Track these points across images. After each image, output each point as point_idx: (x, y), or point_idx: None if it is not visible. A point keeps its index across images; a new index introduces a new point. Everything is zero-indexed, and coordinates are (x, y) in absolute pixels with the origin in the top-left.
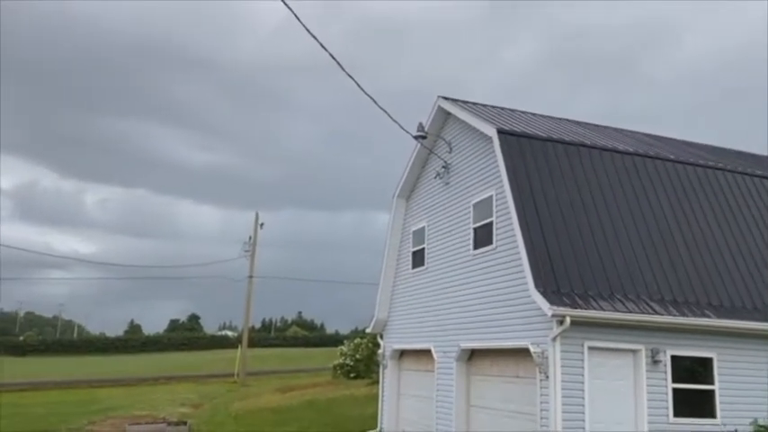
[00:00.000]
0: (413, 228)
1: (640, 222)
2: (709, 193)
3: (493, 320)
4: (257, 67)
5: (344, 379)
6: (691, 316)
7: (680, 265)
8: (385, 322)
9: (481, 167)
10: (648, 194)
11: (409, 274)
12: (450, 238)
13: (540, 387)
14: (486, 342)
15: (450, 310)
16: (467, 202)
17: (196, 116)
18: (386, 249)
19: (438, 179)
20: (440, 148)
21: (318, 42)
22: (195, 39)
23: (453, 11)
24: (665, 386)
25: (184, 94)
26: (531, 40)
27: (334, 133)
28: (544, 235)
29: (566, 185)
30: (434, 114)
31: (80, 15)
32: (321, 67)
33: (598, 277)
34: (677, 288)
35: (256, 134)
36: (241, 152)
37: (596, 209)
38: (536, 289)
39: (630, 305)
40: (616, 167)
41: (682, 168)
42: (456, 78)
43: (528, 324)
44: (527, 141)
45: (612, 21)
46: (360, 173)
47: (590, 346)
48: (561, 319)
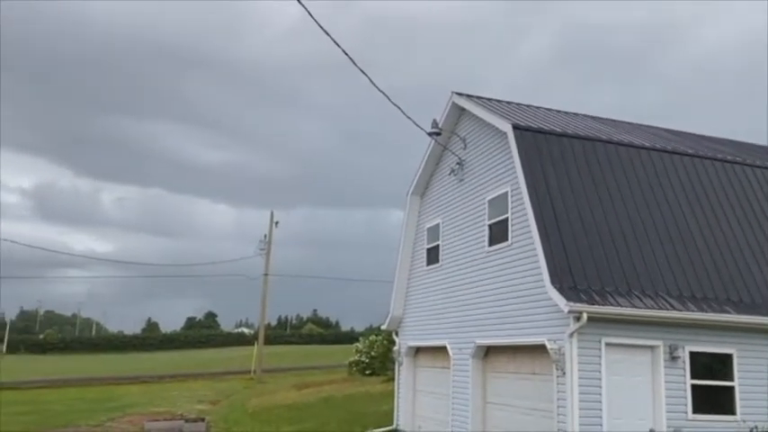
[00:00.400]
0: (427, 225)
1: (658, 217)
2: (727, 187)
3: (509, 317)
4: (270, 66)
5: (360, 376)
6: (710, 312)
7: (698, 261)
8: (400, 319)
9: (496, 163)
10: (666, 189)
11: (424, 271)
12: (464, 234)
13: (556, 384)
14: (502, 339)
15: (466, 307)
16: (482, 199)
17: (210, 115)
18: (400, 247)
19: (452, 176)
20: (454, 145)
21: (332, 39)
22: (209, 38)
23: (465, 8)
24: (684, 383)
25: (199, 94)
26: (544, 36)
27: (347, 131)
28: (560, 231)
29: (582, 181)
30: (448, 110)
31: (96, 16)
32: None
33: (615, 273)
34: (696, 284)
35: (270, 132)
36: (255, 150)
37: (613, 204)
38: (552, 285)
39: (648, 301)
40: (633, 162)
41: (699, 162)
42: (469, 75)
43: (544, 320)
44: (542, 137)
45: (626, 16)
46: (373, 170)
47: (607, 342)
48: (578, 316)
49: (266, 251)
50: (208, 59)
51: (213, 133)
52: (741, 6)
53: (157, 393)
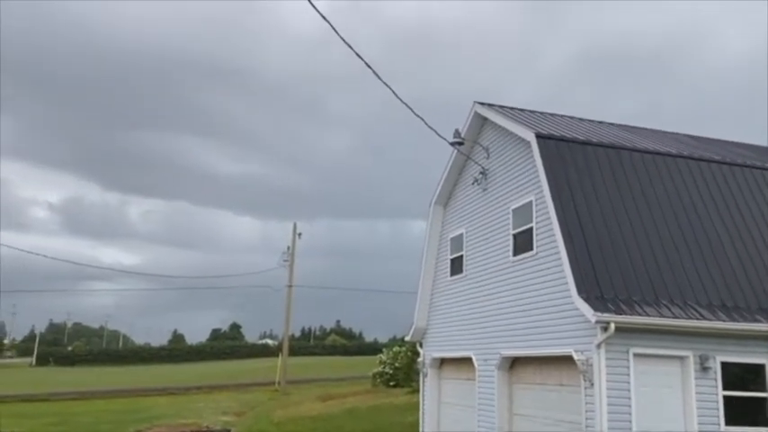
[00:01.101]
0: (450, 235)
1: (685, 225)
2: (756, 194)
3: (535, 328)
4: (293, 78)
5: (384, 387)
6: (741, 321)
7: (728, 269)
8: (424, 330)
9: (520, 172)
10: (693, 197)
11: (448, 281)
12: (488, 244)
13: (584, 395)
14: (528, 350)
15: (491, 318)
16: (505, 208)
17: (233, 128)
18: (424, 257)
19: (475, 185)
20: (477, 154)
21: (355, 52)
22: (231, 52)
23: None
24: (716, 394)
25: (222, 107)
26: (565, 45)
27: (369, 141)
28: (586, 240)
29: (607, 189)
30: (471, 120)
31: (123, 34)
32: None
33: (642, 282)
34: (726, 292)
35: (292, 144)
36: (278, 162)
37: (639, 212)
38: (579, 295)
39: (677, 310)
40: (659, 170)
41: (728, 169)
42: (491, 84)
43: (571, 331)
44: (566, 145)
45: (648, 22)
46: (396, 180)
47: (635, 352)
48: (605, 326)
49: (290, 263)
50: (231, 73)
51: (236, 146)
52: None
53: (183, 405)
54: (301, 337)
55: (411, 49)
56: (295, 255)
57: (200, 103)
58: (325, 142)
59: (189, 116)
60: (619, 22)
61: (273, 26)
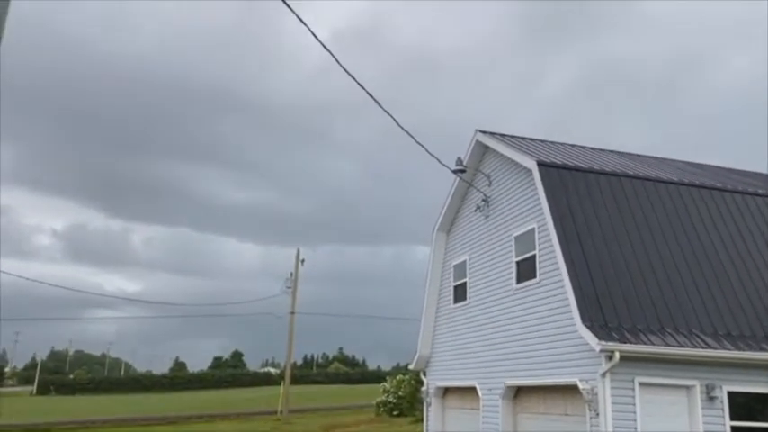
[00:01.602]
0: (454, 262)
1: (689, 253)
2: (759, 221)
3: (539, 356)
4: (296, 105)
5: (388, 416)
6: (747, 350)
7: (732, 297)
8: (428, 359)
9: (522, 200)
10: (696, 224)
11: (451, 308)
12: (492, 271)
13: (589, 425)
14: (533, 379)
15: (494, 346)
16: (508, 236)
17: (236, 155)
18: (427, 284)
19: (478, 212)
20: (479, 182)
21: (357, 83)
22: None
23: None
24: (723, 424)
25: (224, 134)
26: (567, 71)
27: (372, 168)
28: (589, 267)
29: (609, 216)
30: (473, 148)
31: (127, 62)
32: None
33: (647, 310)
34: (731, 320)
35: (295, 171)
36: (280, 189)
37: (642, 240)
38: (583, 323)
39: (682, 339)
40: (661, 197)
41: (729, 196)
42: (494, 110)
43: (576, 360)
44: (568, 173)
45: (649, 49)
46: (398, 207)
47: (641, 381)
48: (610, 355)
49: (292, 289)
50: (232, 100)
51: (239, 172)
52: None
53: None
54: (303, 365)
55: (413, 76)
56: (298, 281)
57: (203, 130)
58: (328, 169)
59: (192, 143)
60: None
61: (276, 54)
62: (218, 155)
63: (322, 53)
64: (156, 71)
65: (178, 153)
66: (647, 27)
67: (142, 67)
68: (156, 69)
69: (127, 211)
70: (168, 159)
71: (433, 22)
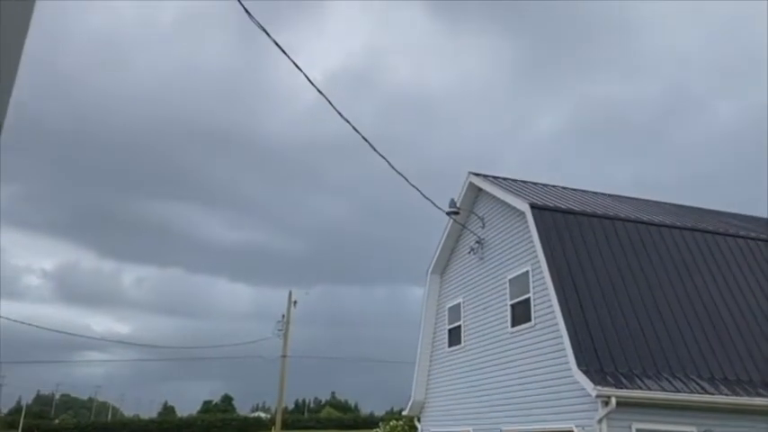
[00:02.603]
0: (448, 304)
1: (683, 297)
2: (752, 264)
3: (535, 401)
4: (288, 146)
5: None
6: (744, 395)
7: (728, 341)
8: (422, 404)
9: (516, 242)
10: (690, 268)
11: (446, 352)
12: (486, 314)
13: None
14: (529, 425)
15: (490, 391)
16: (502, 278)
17: (229, 195)
18: (421, 327)
19: (472, 254)
20: (473, 224)
21: (351, 126)
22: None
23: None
24: None
25: (217, 174)
26: (557, 113)
27: (365, 208)
28: (584, 311)
29: (603, 259)
30: (466, 190)
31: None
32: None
33: (642, 355)
34: (727, 365)
35: (287, 211)
36: (273, 229)
37: (636, 283)
38: (578, 368)
39: (678, 384)
40: (654, 240)
41: (722, 240)
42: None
43: (572, 405)
44: (561, 215)
45: (641, 91)
46: (392, 248)
47: (638, 428)
48: (606, 400)
49: (284, 332)
50: (225, 140)
51: (231, 212)
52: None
53: None
54: (295, 410)
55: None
56: (290, 323)
57: (195, 170)
58: (321, 209)
59: (185, 183)
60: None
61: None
62: (212, 195)
63: (315, 94)
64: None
65: (171, 193)
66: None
67: (135, 107)
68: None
69: (119, 251)
70: (161, 199)
71: (426, 64)
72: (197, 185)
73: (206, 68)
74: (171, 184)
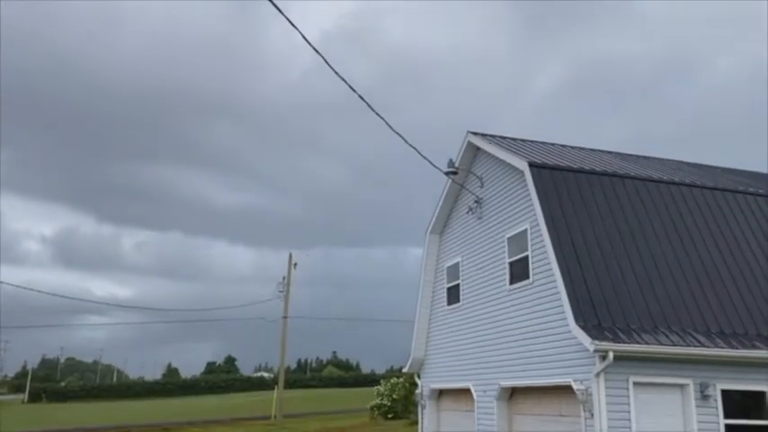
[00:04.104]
0: (447, 264)
1: (681, 252)
2: (751, 220)
3: (533, 357)
4: (287, 109)
5: (382, 420)
6: (740, 348)
7: (725, 295)
8: (422, 361)
9: (514, 201)
10: (688, 223)
11: (445, 310)
12: (485, 273)
13: (584, 426)
14: (527, 380)
15: (488, 348)
16: (501, 237)
17: (226, 158)
18: (420, 286)
19: (470, 214)
20: (471, 183)
21: (348, 85)
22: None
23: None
24: (717, 422)
25: (216, 138)
26: (557, 70)
27: (364, 170)
28: (582, 268)
29: (601, 217)
30: (464, 149)
31: (116, 66)
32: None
33: (640, 310)
34: (724, 319)
35: (286, 174)
36: (272, 192)
37: (634, 239)
38: (576, 324)
39: (675, 338)
40: (652, 197)
41: (721, 195)
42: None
43: (570, 360)
44: (559, 173)
45: (639, 47)
46: (391, 208)
47: (635, 381)
48: (604, 355)
49: (285, 294)
50: (224, 104)
51: (231, 176)
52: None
53: None
54: (297, 370)
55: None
56: (290, 285)
57: (194, 134)
58: (319, 171)
59: (183, 147)
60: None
61: (268, 58)
62: (209, 159)
63: (310, 56)
64: (145, 76)
65: (168, 157)
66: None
67: (131, 72)
68: (146, 74)
69: (117, 215)
70: (158, 163)
71: (422, 24)
72: (195, 150)
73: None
74: (168, 149)
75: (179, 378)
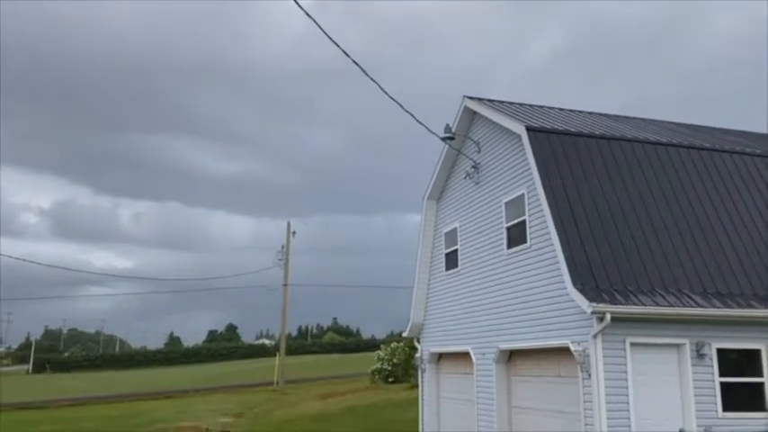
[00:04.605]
0: (444, 229)
1: (678, 214)
2: (747, 180)
3: (531, 320)
4: (282, 77)
5: (383, 384)
6: (735, 307)
7: (721, 256)
8: (421, 326)
9: (511, 166)
10: (684, 185)
11: (443, 276)
12: (482, 238)
13: (582, 386)
14: (525, 342)
15: (487, 312)
16: (498, 202)
17: (222, 127)
18: (418, 252)
19: (468, 179)
20: (468, 148)
21: (342, 50)
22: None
23: (475, 8)
24: (713, 380)
25: (211, 107)
26: (553, 34)
27: (360, 137)
28: (579, 231)
29: (599, 180)
30: (461, 114)
31: (112, 37)
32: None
33: (637, 272)
34: (720, 279)
35: (282, 142)
36: (269, 160)
37: (632, 202)
38: (574, 286)
39: (672, 299)
40: (650, 159)
41: (718, 156)
42: (480, 76)
43: (567, 323)
44: (557, 137)
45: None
46: (388, 175)
47: (632, 342)
48: (601, 316)
49: (284, 262)
50: (219, 73)
51: (226, 145)
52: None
53: (182, 408)
54: (298, 336)
55: (397, 42)
56: (290, 253)
57: (190, 103)
58: (317, 139)
59: (179, 117)
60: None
61: (262, 25)
62: (204, 128)
63: (304, 21)
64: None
65: (165, 127)
66: None
67: (130, 41)
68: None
69: (116, 186)
70: (156, 134)
71: None
72: (190, 119)
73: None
74: (165, 119)
75: (181, 347)
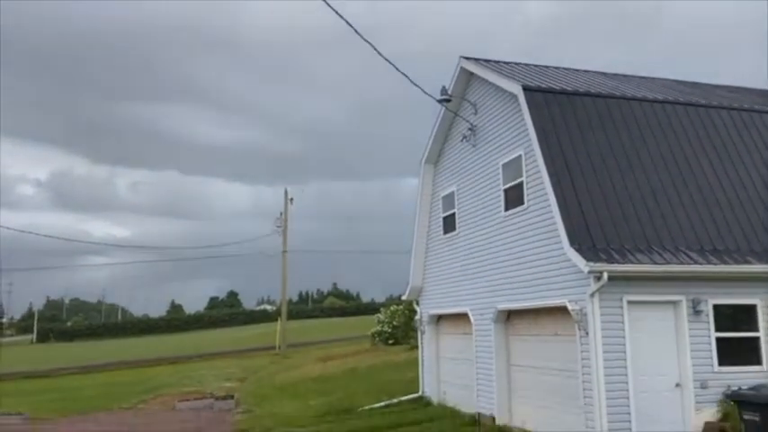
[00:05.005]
0: (442, 193)
1: (674, 171)
2: (745, 136)
3: (529, 281)
4: (276, 42)
5: (383, 346)
6: (731, 263)
7: (718, 213)
8: (420, 288)
9: (508, 127)
10: (682, 142)
11: (441, 239)
12: (480, 200)
13: (580, 344)
14: (523, 302)
15: (485, 273)
16: (495, 164)
17: (219, 95)
18: (416, 216)
19: (465, 142)
20: (465, 110)
21: (335, 11)
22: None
23: None
24: (708, 336)
25: (206, 74)
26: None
27: (356, 102)
28: (576, 191)
29: (596, 138)
30: (457, 76)
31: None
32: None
33: (634, 230)
34: (716, 236)
35: (279, 108)
36: (265, 128)
37: (628, 160)
38: (571, 246)
39: (668, 256)
40: (647, 117)
41: (714, 112)
42: (477, 38)
43: (565, 282)
44: (553, 96)
45: None
46: (386, 140)
47: (629, 300)
48: (598, 275)
49: (283, 228)
50: (213, 40)
51: (223, 113)
52: None
53: (186, 374)
54: (299, 301)
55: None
56: (288, 219)
57: (184, 71)
58: (313, 105)
59: (174, 85)
60: None
61: None
62: (199, 95)
63: None
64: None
65: (162, 96)
66: None
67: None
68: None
69: (112, 156)
70: (152, 102)
71: None
72: (187, 87)
73: None
74: (161, 87)
75: (183, 314)
